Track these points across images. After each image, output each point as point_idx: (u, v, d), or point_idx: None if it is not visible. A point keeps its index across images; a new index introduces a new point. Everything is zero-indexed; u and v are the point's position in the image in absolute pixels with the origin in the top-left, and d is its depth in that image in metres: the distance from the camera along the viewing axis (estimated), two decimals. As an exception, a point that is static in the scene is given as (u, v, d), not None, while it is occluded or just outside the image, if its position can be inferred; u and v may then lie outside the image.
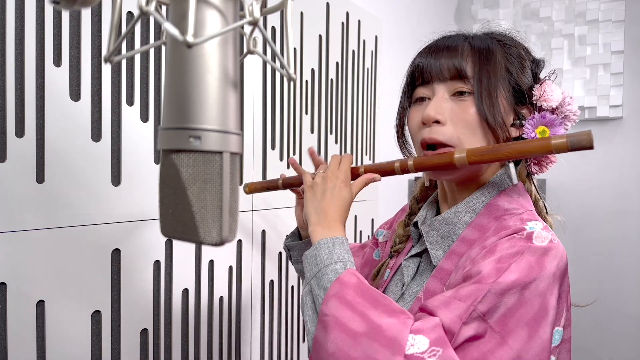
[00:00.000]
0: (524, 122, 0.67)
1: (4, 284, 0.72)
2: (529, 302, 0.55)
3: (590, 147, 0.54)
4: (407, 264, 0.75)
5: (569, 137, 0.55)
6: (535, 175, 0.73)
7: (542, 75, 0.71)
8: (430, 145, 0.67)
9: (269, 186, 0.87)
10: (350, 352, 0.53)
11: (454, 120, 0.65)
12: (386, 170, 0.70)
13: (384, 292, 0.79)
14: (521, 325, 0.54)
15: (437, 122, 0.65)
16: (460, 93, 0.66)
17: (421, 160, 0.66)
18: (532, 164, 0.71)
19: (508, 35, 0.72)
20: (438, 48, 0.68)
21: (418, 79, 0.69)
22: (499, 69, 0.66)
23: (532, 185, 0.74)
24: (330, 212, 0.66)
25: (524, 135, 0.67)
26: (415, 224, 0.77)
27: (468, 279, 0.58)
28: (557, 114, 0.67)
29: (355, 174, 0.72)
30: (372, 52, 1.65)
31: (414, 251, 0.75)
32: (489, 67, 0.65)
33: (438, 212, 0.77)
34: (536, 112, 0.66)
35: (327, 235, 0.64)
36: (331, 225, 0.66)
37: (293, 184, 0.82)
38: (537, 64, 0.71)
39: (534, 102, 0.68)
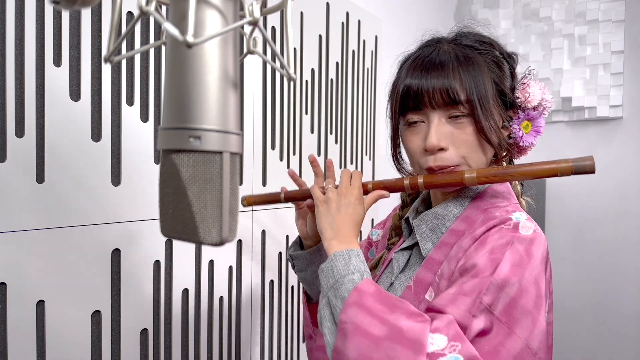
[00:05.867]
0: (510, 123, 0.71)
1: (4, 284, 0.72)
2: (527, 290, 0.57)
3: (592, 172, 0.60)
4: (398, 257, 0.77)
5: (574, 162, 0.61)
6: (519, 159, 0.77)
7: (518, 70, 0.73)
8: None
9: (269, 200, 0.84)
10: (373, 356, 0.53)
11: (456, 143, 0.67)
12: (395, 187, 0.72)
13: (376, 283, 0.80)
14: (525, 313, 0.56)
15: (441, 149, 0.67)
16: (456, 116, 0.67)
17: (431, 179, 0.69)
18: (515, 154, 0.75)
19: (481, 37, 0.72)
20: (426, 66, 0.68)
21: (409, 103, 0.69)
22: (487, 82, 0.67)
23: None
24: (344, 228, 0.67)
25: (512, 135, 0.71)
26: (407, 220, 0.80)
27: (465, 273, 0.60)
28: (537, 109, 0.71)
29: (364, 190, 0.73)
30: (372, 52, 1.65)
31: (404, 244, 0.78)
32: (480, 85, 0.66)
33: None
34: (520, 112, 0.71)
35: (343, 247, 0.65)
36: (346, 239, 0.67)
37: (296, 198, 0.80)
38: (512, 60, 0.73)
39: (519, 104, 0.71)
